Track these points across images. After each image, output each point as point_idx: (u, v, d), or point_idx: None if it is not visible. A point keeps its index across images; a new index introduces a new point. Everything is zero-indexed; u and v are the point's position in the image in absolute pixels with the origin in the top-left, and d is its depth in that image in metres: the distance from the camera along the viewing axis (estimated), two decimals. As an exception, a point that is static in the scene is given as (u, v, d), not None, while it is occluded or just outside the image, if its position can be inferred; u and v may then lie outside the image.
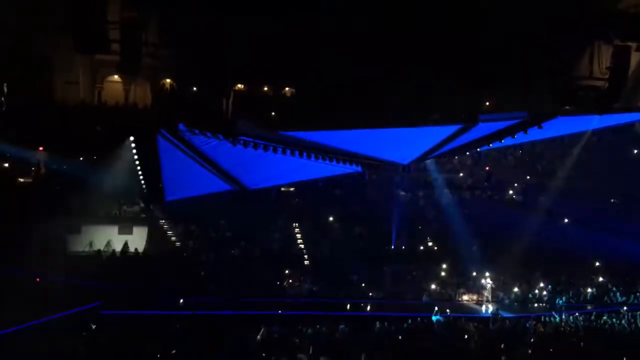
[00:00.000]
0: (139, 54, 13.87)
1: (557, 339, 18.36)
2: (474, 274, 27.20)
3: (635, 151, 32.56)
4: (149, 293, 21.64)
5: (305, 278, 25.38)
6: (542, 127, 11.50)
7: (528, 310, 24.40)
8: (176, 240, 26.80)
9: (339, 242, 28.31)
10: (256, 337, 16.85)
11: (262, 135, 11.71)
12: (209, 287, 23.04)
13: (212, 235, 27.41)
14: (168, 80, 28.94)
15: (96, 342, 15.93)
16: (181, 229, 27.38)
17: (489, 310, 23.89)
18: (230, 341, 16.76)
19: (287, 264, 26.19)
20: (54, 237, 22.85)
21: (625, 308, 24.48)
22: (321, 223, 29.42)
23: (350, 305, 22.97)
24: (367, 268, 26.75)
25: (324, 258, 27.56)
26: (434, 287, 25.75)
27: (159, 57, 24.97)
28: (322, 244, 28.54)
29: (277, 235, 28.30)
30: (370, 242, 28.81)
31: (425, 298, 24.30)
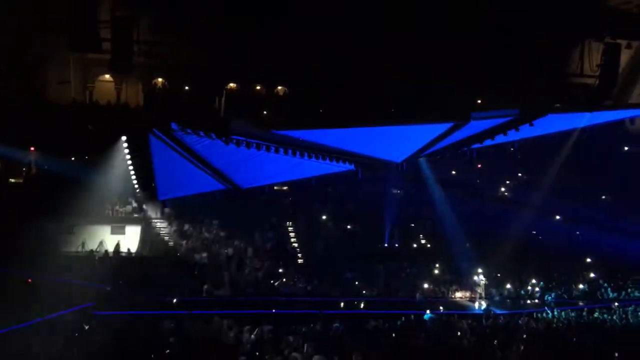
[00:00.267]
0: (131, 53, 13.83)
1: (550, 335, 18.48)
2: (466, 271, 27.33)
3: (625, 148, 32.81)
4: (142, 293, 21.59)
5: (299, 277, 25.40)
6: (533, 125, 11.52)
7: (520, 306, 24.53)
8: (170, 240, 26.74)
9: (332, 241, 28.36)
10: (250, 336, 16.84)
11: (255, 134, 11.68)
12: (204, 287, 23.03)
13: (205, 234, 27.38)
14: (160, 80, 28.93)
15: (89, 344, 15.86)
16: (175, 228, 27.34)
17: (482, 307, 24.01)
18: (224, 340, 16.76)
19: (281, 263, 26.22)
20: (46, 238, 22.73)
21: (616, 304, 24.69)
22: (315, 222, 29.47)
23: (344, 303, 23.02)
24: (361, 266, 26.83)
25: (318, 256, 27.61)
26: (427, 285, 25.83)
27: (150, 56, 25.05)
28: (316, 242, 28.58)
29: (271, 234, 28.32)
30: (364, 240, 28.90)
31: (418, 296, 24.38)
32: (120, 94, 28.87)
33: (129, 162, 23.41)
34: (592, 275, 28.12)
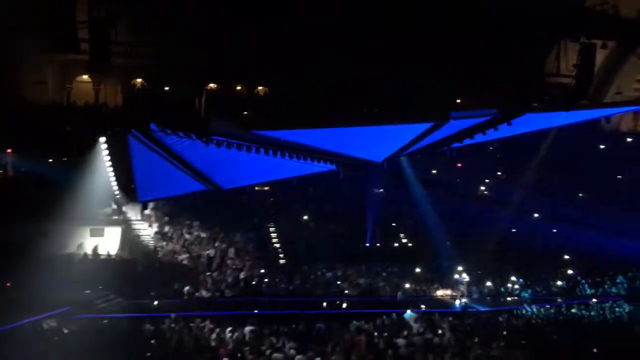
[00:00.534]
0: (109, 53, 13.73)
1: (529, 332, 18.72)
2: (447, 270, 27.56)
3: (601, 146, 33.34)
4: (122, 296, 21.39)
5: (281, 277, 25.37)
6: (511, 124, 11.70)
7: (501, 303, 24.80)
8: (150, 241, 26.51)
9: (314, 241, 28.37)
10: (232, 337, 16.80)
11: (236, 135, 11.67)
12: (185, 289, 22.90)
13: (186, 236, 27.19)
14: (139, 80, 28.68)
15: (68, 348, 15.68)
16: (155, 230, 27.11)
17: (461, 304, 24.22)
18: (206, 341, 16.70)
19: (263, 264, 26.17)
20: (24, 241, 22.38)
21: (594, 300, 25.09)
22: (296, 222, 29.45)
23: (326, 303, 23.07)
24: (343, 266, 26.89)
25: (300, 257, 27.60)
26: (408, 284, 25.98)
27: (129, 56, 24.83)
28: (298, 242, 28.58)
29: (252, 235, 28.24)
30: (346, 240, 28.95)
31: (400, 295, 24.50)
32: (99, 95, 28.55)
33: (108, 163, 23.16)
34: (570, 272, 28.52)
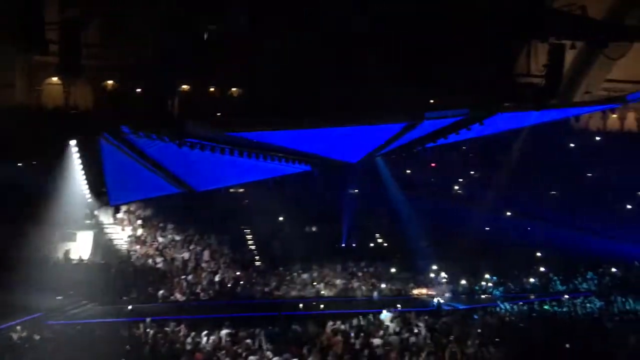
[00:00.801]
0: (79, 55, 13.51)
1: (503, 328, 18.97)
2: (423, 269, 27.80)
3: (571, 145, 33.97)
4: (95, 301, 21.08)
5: (257, 279, 25.28)
6: (483, 124, 11.85)
7: (475, 301, 25.09)
8: (123, 245, 26.15)
9: (289, 242, 28.33)
10: (208, 340, 16.67)
11: (210, 137, 11.59)
12: (159, 292, 22.67)
13: (160, 239, 26.91)
14: (110, 82, 28.27)
15: (40, 355, 15.39)
16: (128, 234, 26.76)
17: (438, 303, 24.44)
18: (182, 346, 16.54)
19: (238, 266, 26.05)
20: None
21: (566, 296, 25.55)
22: (272, 223, 29.36)
23: (302, 305, 23.06)
24: (319, 267, 26.91)
25: (275, 258, 27.54)
26: (384, 283, 26.12)
27: (100, 58, 24.45)
28: (273, 244, 28.51)
29: (227, 237, 28.09)
30: (321, 240, 28.97)
31: (375, 295, 24.62)
32: (69, 97, 28.11)
33: (80, 166, 22.79)
34: (542, 269, 29.00)
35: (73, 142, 21.89)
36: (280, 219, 29.91)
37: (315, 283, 25.53)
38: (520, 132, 27.67)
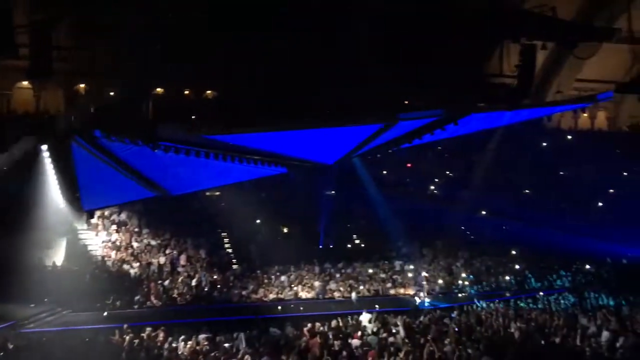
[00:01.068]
0: (49, 58, 13.29)
1: (481, 326, 19.11)
2: (401, 269, 27.94)
3: (544, 144, 34.54)
4: (70, 308, 20.74)
5: (234, 282, 25.13)
6: (457, 124, 11.96)
7: (453, 300, 25.30)
8: (97, 251, 25.75)
9: (266, 244, 28.23)
10: (185, 345, 16.50)
11: (184, 140, 11.49)
12: (135, 298, 22.40)
13: (135, 244, 26.57)
14: (82, 85, 27.90)
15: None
16: (103, 239, 26.37)
17: (416, 302, 24.59)
18: (159, 351, 16.34)
19: (215, 269, 25.86)
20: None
21: (541, 293, 25.93)
22: (248, 225, 29.22)
23: (280, 307, 22.98)
24: (296, 268, 26.86)
25: (253, 261, 27.41)
26: (362, 284, 26.18)
27: (71, 60, 24.10)
28: (250, 246, 28.37)
29: (204, 241, 27.87)
30: (299, 242, 28.92)
31: (354, 295, 24.66)
32: (40, 102, 27.71)
33: (52, 172, 22.41)
34: (518, 266, 29.39)
35: (44, 147, 21.54)
36: (257, 221, 29.80)
37: (293, 285, 25.47)
38: (494, 132, 28.07)
